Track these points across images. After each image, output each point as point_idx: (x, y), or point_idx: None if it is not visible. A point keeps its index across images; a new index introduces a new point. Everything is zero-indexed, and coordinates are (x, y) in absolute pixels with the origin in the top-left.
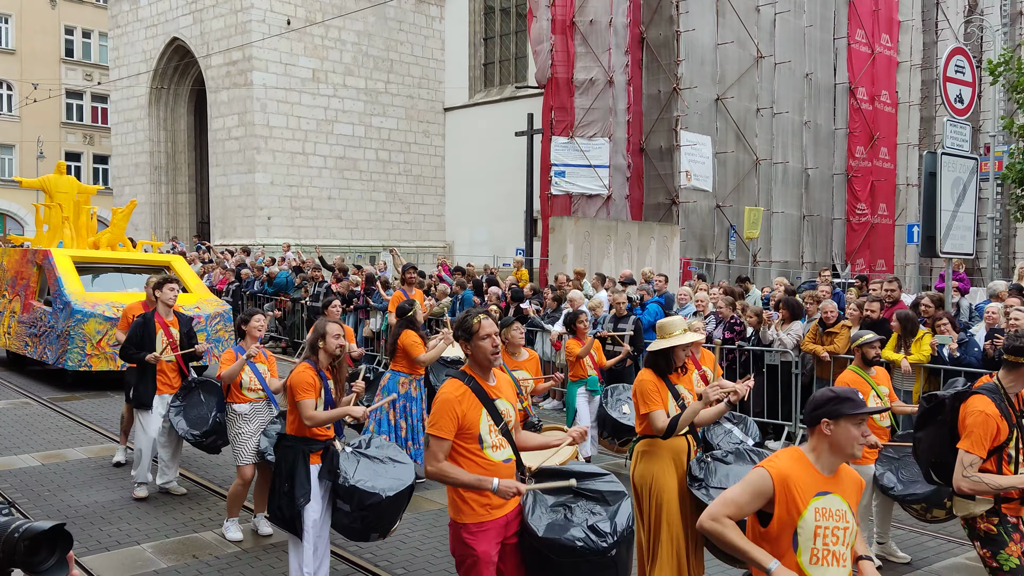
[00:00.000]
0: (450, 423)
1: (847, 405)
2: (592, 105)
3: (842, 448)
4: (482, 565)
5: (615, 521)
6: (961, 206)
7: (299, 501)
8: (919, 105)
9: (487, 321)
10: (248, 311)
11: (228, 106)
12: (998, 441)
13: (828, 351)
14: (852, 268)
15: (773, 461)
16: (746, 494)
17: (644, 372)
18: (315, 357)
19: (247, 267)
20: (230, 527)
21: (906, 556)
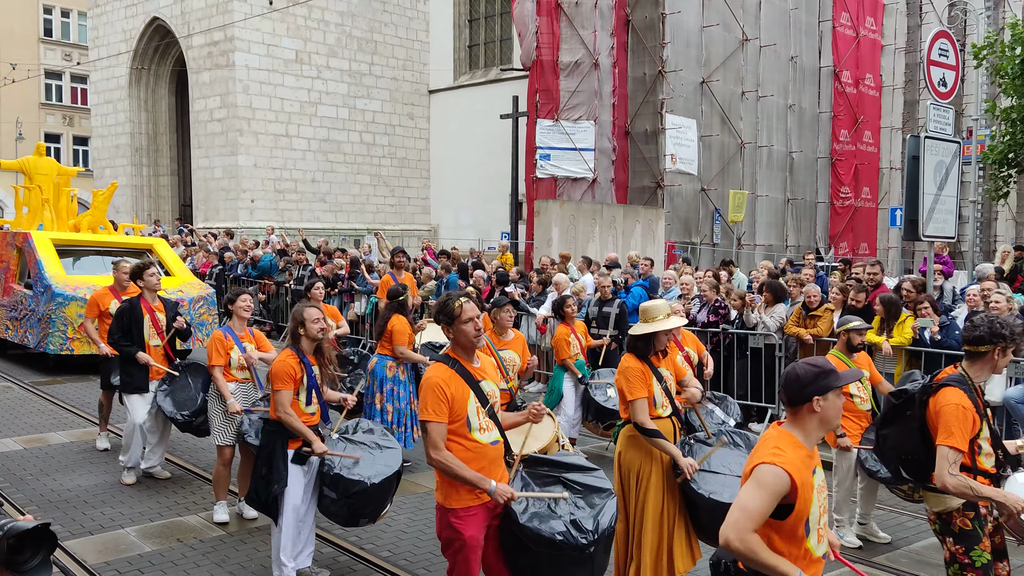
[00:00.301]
0: (442, 406)
1: (832, 377)
2: (577, 88)
3: (830, 421)
4: (469, 549)
5: (598, 519)
6: (944, 190)
7: (274, 487)
8: (903, 88)
9: (468, 304)
10: (234, 291)
11: (210, 87)
12: (972, 433)
13: (811, 334)
14: (835, 251)
15: (781, 456)
16: (767, 500)
17: (627, 357)
18: (298, 344)
19: (230, 250)
20: (218, 509)
21: (887, 536)
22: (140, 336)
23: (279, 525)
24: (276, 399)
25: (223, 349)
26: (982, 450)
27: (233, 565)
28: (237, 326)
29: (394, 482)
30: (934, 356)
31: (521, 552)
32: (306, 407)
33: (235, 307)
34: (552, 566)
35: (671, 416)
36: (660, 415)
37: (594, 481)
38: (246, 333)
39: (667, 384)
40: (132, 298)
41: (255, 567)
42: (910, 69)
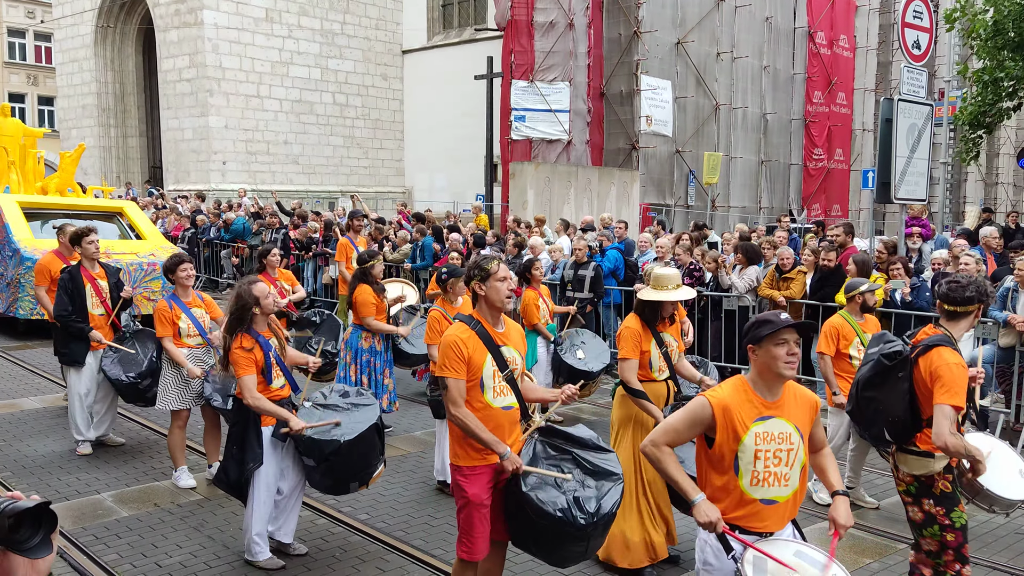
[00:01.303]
0: (460, 363)
1: (764, 327)
2: (552, 48)
3: (769, 368)
4: (472, 507)
5: (601, 502)
6: (915, 152)
7: (248, 466)
8: (876, 50)
9: (504, 265)
10: (172, 258)
11: (178, 46)
12: None
13: (784, 296)
14: (808, 213)
15: (716, 391)
16: (685, 422)
17: (631, 318)
18: (251, 325)
19: (202, 213)
20: (180, 476)
21: (874, 502)
22: (83, 306)
23: (251, 505)
24: (241, 385)
25: (168, 319)
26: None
27: (211, 529)
28: (183, 293)
29: (373, 437)
30: (904, 317)
31: (521, 517)
32: (272, 383)
33: (176, 277)
34: (548, 537)
35: (667, 380)
36: (656, 379)
37: (605, 463)
38: (194, 299)
39: (667, 350)
40: (71, 267)
41: (233, 530)
42: (884, 30)
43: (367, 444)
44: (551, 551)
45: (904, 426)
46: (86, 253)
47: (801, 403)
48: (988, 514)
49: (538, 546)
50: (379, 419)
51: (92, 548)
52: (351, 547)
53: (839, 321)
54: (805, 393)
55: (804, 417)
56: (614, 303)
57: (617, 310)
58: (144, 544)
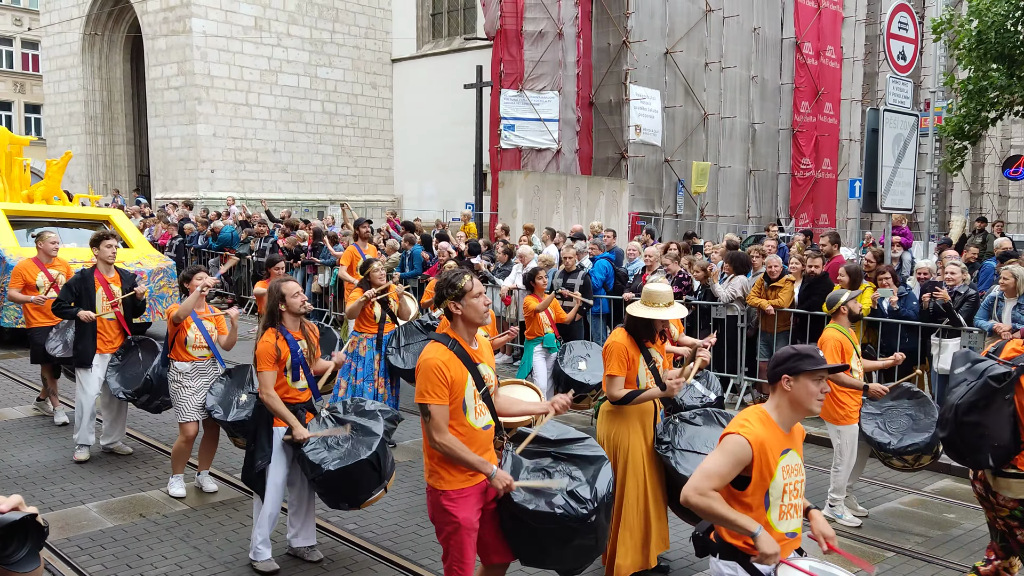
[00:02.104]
0: (443, 388)
1: (806, 361)
2: (542, 58)
3: (802, 404)
4: (463, 532)
5: (595, 487)
6: (901, 162)
7: (257, 464)
8: (863, 61)
9: (476, 280)
10: (190, 268)
11: (166, 54)
12: None
13: (772, 304)
14: (796, 222)
15: (747, 427)
16: (728, 465)
17: (619, 333)
18: (280, 322)
19: (190, 221)
20: (174, 483)
21: (864, 510)
22: (92, 309)
23: (263, 504)
24: (260, 380)
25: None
26: None
27: (197, 540)
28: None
29: (363, 470)
30: (891, 326)
31: (523, 531)
32: (294, 383)
33: (191, 286)
34: (556, 540)
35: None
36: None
37: (585, 450)
38: (206, 310)
39: (655, 365)
40: (86, 269)
41: (219, 541)
42: (870, 41)
43: (354, 477)
44: (564, 554)
45: (1007, 450)
46: (103, 256)
47: (800, 434)
48: (974, 521)
49: (549, 554)
50: (375, 454)
51: (77, 559)
52: (339, 557)
53: (838, 335)
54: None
55: (801, 448)
56: (603, 312)
57: (606, 319)
58: (129, 555)
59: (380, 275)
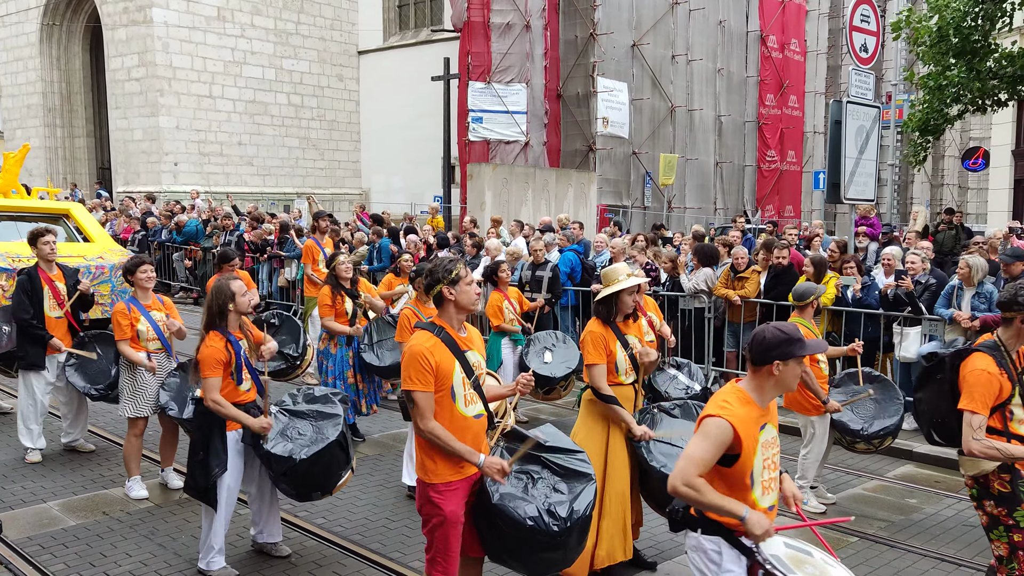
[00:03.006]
0: (428, 375)
1: (797, 346)
2: (509, 50)
3: (787, 385)
4: (449, 525)
5: (574, 506)
6: (864, 153)
7: (214, 472)
8: (826, 54)
9: (467, 267)
10: (132, 259)
11: (127, 44)
12: (1000, 399)
13: (739, 295)
14: (762, 214)
15: (727, 408)
16: (711, 449)
17: (591, 322)
18: (224, 323)
19: (153, 215)
20: (133, 486)
21: (833, 497)
22: (40, 309)
23: (215, 513)
24: (205, 386)
25: (126, 321)
26: (1014, 416)
27: (162, 537)
28: (142, 296)
29: (333, 452)
30: (854, 315)
31: (494, 531)
32: (239, 385)
33: (135, 279)
34: (523, 547)
35: (633, 383)
36: (622, 382)
37: (575, 464)
38: (153, 301)
39: (632, 351)
40: (29, 268)
41: (185, 538)
42: (833, 35)
43: (325, 460)
44: (528, 561)
45: (951, 428)
46: (41, 254)
47: (774, 404)
48: (935, 506)
49: (514, 557)
50: (341, 434)
51: (39, 558)
52: (307, 552)
53: (803, 330)
54: None
55: (776, 418)
56: (571, 304)
57: (574, 311)
58: (92, 553)
59: (345, 268)
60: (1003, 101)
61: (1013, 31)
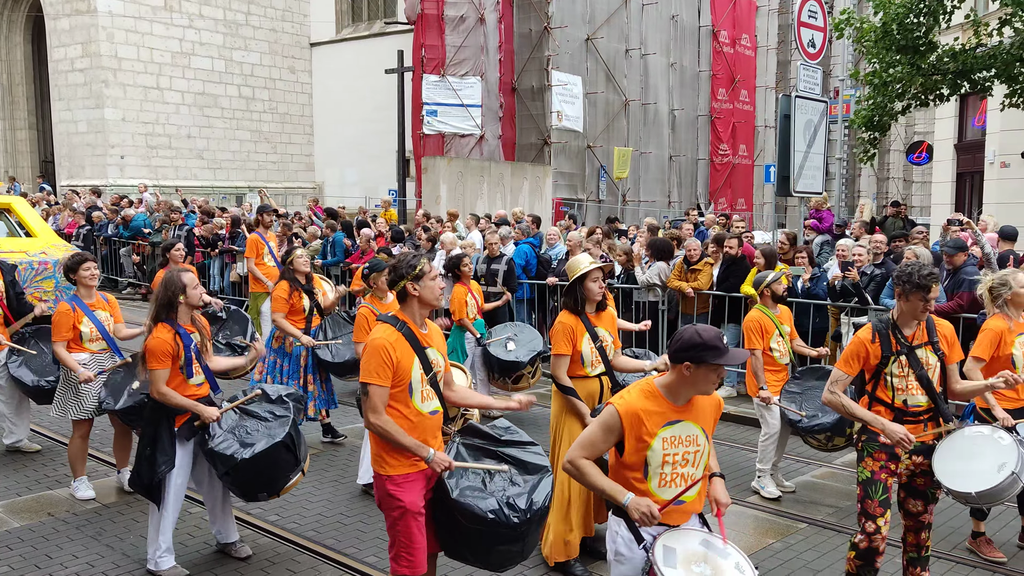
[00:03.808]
0: (386, 369)
1: (710, 354)
2: (463, 43)
3: (698, 387)
4: (410, 516)
5: (532, 497)
6: (812, 147)
7: (160, 468)
8: (776, 49)
9: (431, 263)
10: (74, 256)
11: (70, 34)
12: (871, 363)
13: (692, 287)
14: (715, 207)
15: (623, 396)
16: (599, 433)
17: (561, 314)
18: (173, 315)
19: (99, 209)
20: (79, 486)
21: (791, 485)
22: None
23: (161, 509)
24: (151, 378)
25: (68, 323)
26: (888, 383)
27: (110, 537)
28: (85, 294)
29: (278, 453)
30: (803, 306)
31: (452, 526)
32: (190, 379)
33: (78, 277)
34: (482, 542)
35: (600, 376)
36: (588, 374)
37: (531, 457)
38: (97, 300)
39: (602, 344)
40: None
41: (133, 538)
42: (783, 30)
43: (268, 461)
44: (487, 555)
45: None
46: None
47: (707, 404)
48: None
49: (473, 552)
50: (288, 435)
51: None
52: (260, 550)
53: (758, 315)
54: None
55: (709, 417)
56: (526, 298)
57: (529, 304)
58: (38, 555)
59: (304, 262)
60: (945, 96)
61: (954, 28)
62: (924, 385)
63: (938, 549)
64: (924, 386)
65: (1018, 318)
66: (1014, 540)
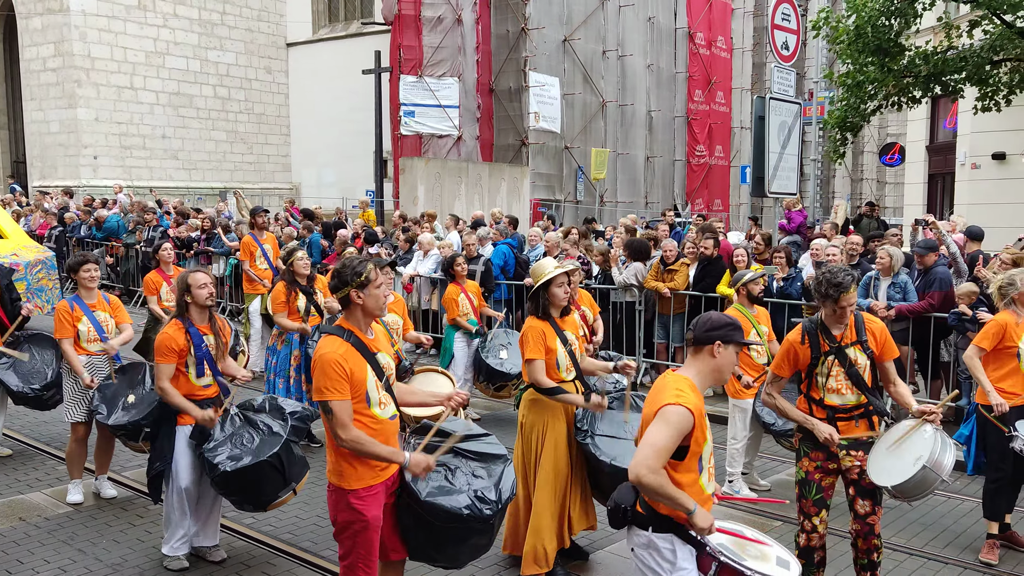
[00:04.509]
0: (343, 383)
1: (739, 333)
2: (441, 44)
3: (723, 371)
4: (372, 530)
5: (500, 488)
6: (787, 148)
7: (155, 465)
8: (751, 51)
9: (379, 270)
10: (75, 258)
11: (42, 34)
12: (801, 364)
13: (669, 287)
14: (692, 208)
15: (684, 396)
16: (675, 438)
17: (529, 319)
18: (185, 314)
19: (71, 210)
20: (72, 489)
21: (767, 484)
22: None
23: (166, 505)
24: (156, 372)
25: (69, 321)
26: (819, 383)
27: (82, 542)
28: (86, 295)
29: (263, 472)
30: (777, 306)
31: (422, 528)
32: (197, 379)
33: (78, 277)
34: (455, 539)
35: (575, 380)
36: (564, 379)
37: (488, 448)
38: (99, 300)
39: (571, 348)
40: None
41: (106, 543)
42: (758, 32)
43: (253, 478)
44: (457, 552)
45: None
46: None
47: None
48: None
49: (443, 551)
50: (275, 455)
51: None
52: (236, 553)
53: (736, 315)
54: None
55: None
56: (504, 298)
57: (507, 305)
58: (8, 560)
59: (304, 264)
60: (917, 98)
61: (925, 31)
62: (855, 383)
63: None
64: (856, 384)
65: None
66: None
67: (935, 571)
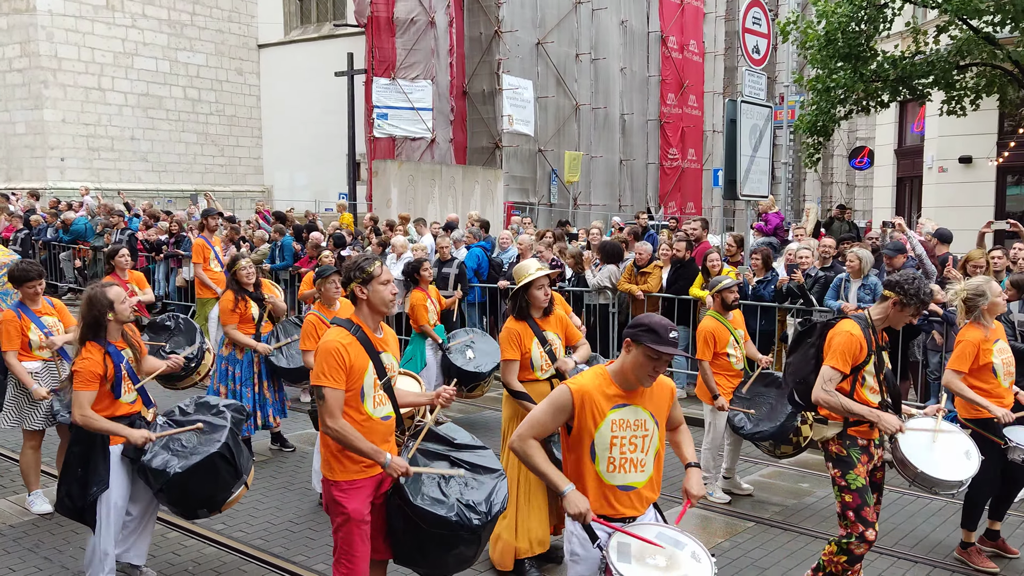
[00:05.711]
0: (340, 372)
1: (648, 336)
2: (414, 46)
3: (633, 371)
4: (353, 524)
5: (491, 501)
6: (758, 151)
7: (92, 490)
8: (723, 55)
9: (386, 267)
10: (19, 271)
11: (7, 34)
12: (857, 361)
13: (642, 290)
14: (665, 211)
15: (576, 378)
16: (549, 412)
17: (509, 320)
18: (102, 333)
19: (37, 213)
20: (35, 500)
21: (749, 487)
22: None
23: (98, 531)
24: (75, 399)
25: (16, 331)
26: (865, 382)
27: (48, 550)
28: (31, 301)
29: (214, 466)
30: (750, 308)
31: (410, 531)
32: (122, 396)
33: (23, 291)
34: (440, 545)
35: (550, 379)
36: (538, 378)
37: (484, 461)
38: (44, 306)
39: (551, 348)
40: None
41: (73, 550)
42: (730, 36)
43: (206, 474)
44: (442, 560)
45: (808, 388)
46: None
47: (658, 390)
48: (826, 489)
49: (427, 557)
50: (225, 446)
51: None
52: (206, 560)
53: (711, 324)
54: (662, 380)
55: (661, 404)
56: (478, 301)
57: (481, 308)
58: None
59: (248, 273)
60: (886, 102)
61: (894, 36)
62: (889, 385)
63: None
64: (888, 384)
65: (991, 325)
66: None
67: (904, 570)
